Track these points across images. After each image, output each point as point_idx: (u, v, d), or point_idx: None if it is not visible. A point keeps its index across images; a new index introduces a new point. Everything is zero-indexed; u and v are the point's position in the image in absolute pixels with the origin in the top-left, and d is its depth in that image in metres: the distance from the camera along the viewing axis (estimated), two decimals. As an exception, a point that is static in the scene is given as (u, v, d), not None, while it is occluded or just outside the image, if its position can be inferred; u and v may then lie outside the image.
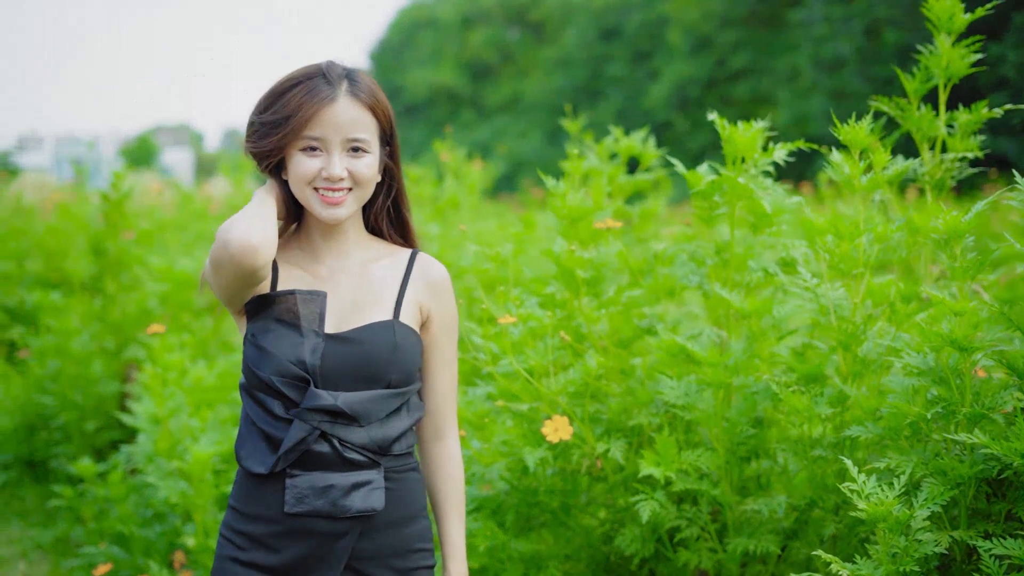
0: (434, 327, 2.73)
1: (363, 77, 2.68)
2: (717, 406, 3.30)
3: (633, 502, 3.40)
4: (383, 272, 2.71)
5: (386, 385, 2.59)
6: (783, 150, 3.48)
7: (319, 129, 2.60)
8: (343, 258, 2.71)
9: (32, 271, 9.44)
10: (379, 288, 2.69)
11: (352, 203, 2.64)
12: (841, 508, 3.26)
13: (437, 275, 2.75)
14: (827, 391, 3.15)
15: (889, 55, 19.80)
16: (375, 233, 2.82)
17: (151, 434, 5.05)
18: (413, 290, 2.70)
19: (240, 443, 2.64)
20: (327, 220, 2.62)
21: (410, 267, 2.74)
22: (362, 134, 2.62)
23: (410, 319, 2.67)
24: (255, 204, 2.58)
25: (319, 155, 2.61)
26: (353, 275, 2.70)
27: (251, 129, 2.66)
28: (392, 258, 2.75)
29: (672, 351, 3.43)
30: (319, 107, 2.59)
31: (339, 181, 2.61)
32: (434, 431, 2.79)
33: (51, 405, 7.02)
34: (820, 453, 3.15)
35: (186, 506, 4.56)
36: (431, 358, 2.75)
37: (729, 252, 3.52)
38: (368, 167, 2.63)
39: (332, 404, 2.53)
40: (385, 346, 2.59)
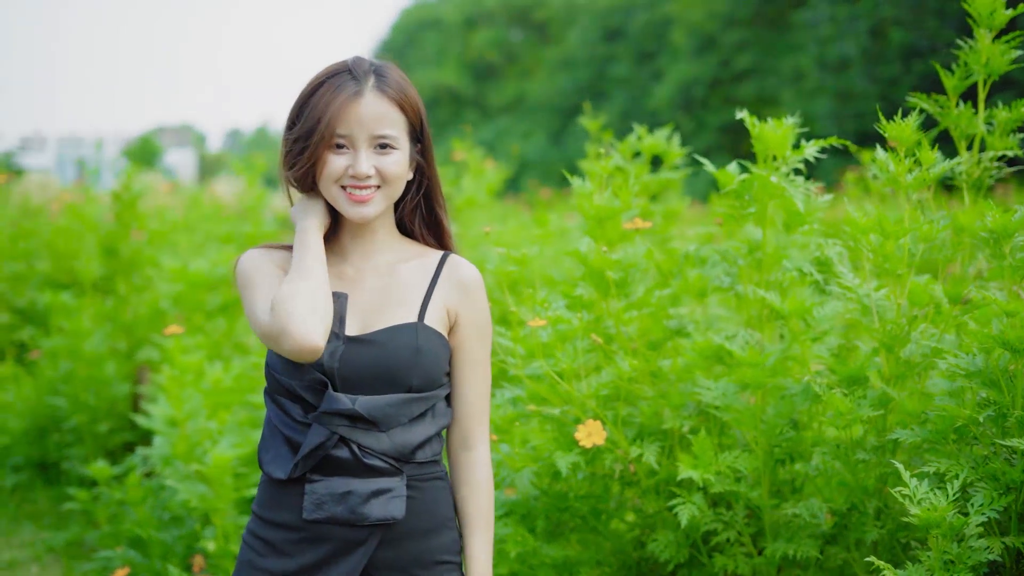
0: (463, 331, 2.62)
1: (391, 71, 2.61)
2: (755, 407, 3.23)
3: (670, 506, 3.34)
4: (411, 273, 2.63)
5: (407, 389, 2.51)
6: (814, 147, 3.42)
7: (345, 126, 2.53)
8: (371, 258, 2.63)
9: (41, 272, 9.37)
10: (405, 289, 2.60)
11: (380, 201, 2.56)
12: (882, 513, 3.20)
13: (467, 276, 2.64)
14: (870, 393, 3.09)
15: (895, 55, 19.77)
16: (408, 234, 2.73)
17: (168, 436, 4.98)
18: (441, 292, 2.60)
19: (263, 448, 2.60)
20: (354, 219, 2.55)
21: (439, 269, 2.64)
22: (389, 130, 2.55)
23: (436, 322, 2.57)
24: (309, 263, 2.49)
25: (346, 153, 2.54)
26: (380, 276, 2.62)
27: (285, 150, 2.62)
28: (422, 260, 2.65)
29: (707, 352, 3.37)
30: (345, 104, 2.52)
31: (366, 179, 2.54)
32: (462, 439, 2.67)
33: (63, 407, 6.96)
34: (863, 457, 3.09)
35: (205, 509, 4.50)
36: (460, 363, 2.64)
37: (762, 252, 3.46)
38: (396, 164, 2.55)
39: (350, 408, 2.45)
40: (407, 349, 2.50)
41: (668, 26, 29.10)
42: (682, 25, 28.21)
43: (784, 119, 3.39)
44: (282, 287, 2.45)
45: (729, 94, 26.93)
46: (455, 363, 2.64)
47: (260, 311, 2.49)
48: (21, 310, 9.05)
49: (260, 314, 2.48)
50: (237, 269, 2.61)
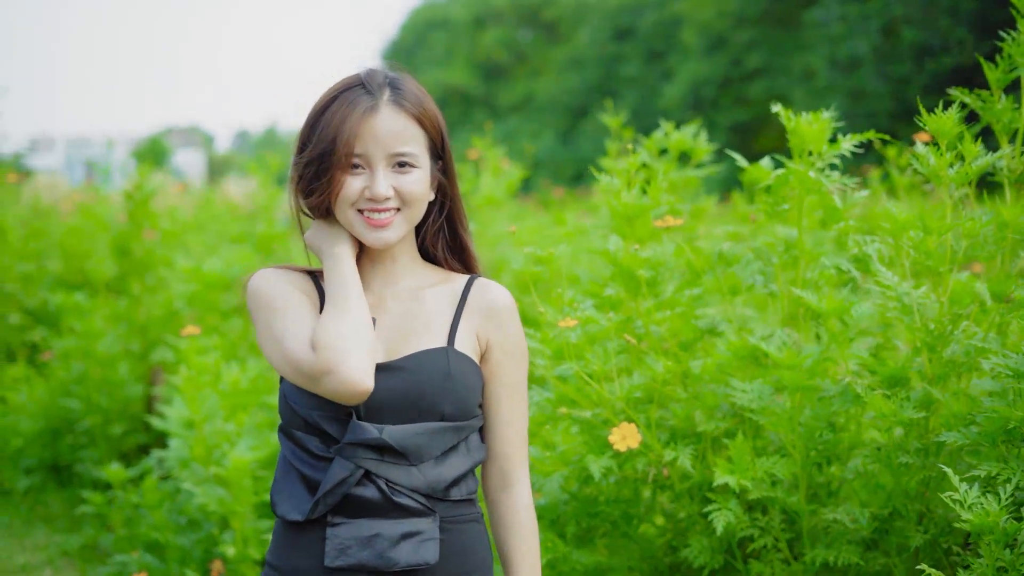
0: (495, 358, 2.41)
1: (408, 83, 2.42)
2: (793, 410, 3.15)
3: (705, 512, 3.26)
4: (436, 299, 2.43)
5: (440, 417, 2.30)
6: (851, 142, 3.33)
7: (360, 144, 2.33)
8: (393, 285, 2.44)
9: (52, 272, 9.31)
10: (431, 316, 2.40)
11: (401, 225, 2.36)
12: (924, 517, 3.11)
13: (497, 300, 2.44)
14: (913, 394, 3.00)
15: (906, 54, 19.67)
16: (430, 259, 2.54)
17: (184, 439, 4.91)
18: (469, 318, 2.41)
19: (276, 489, 2.37)
20: (374, 245, 2.35)
21: (466, 293, 2.44)
22: (408, 147, 2.35)
23: (467, 348, 2.38)
24: (353, 296, 2.28)
25: (362, 173, 2.34)
26: (403, 301, 2.42)
27: (297, 175, 2.39)
28: (448, 285, 2.46)
29: (741, 353, 3.29)
30: (359, 121, 2.33)
31: (384, 200, 2.33)
32: (500, 477, 2.45)
33: (76, 409, 6.88)
34: (905, 460, 3.00)
35: (224, 513, 4.43)
36: (494, 393, 2.43)
37: (798, 249, 3.37)
38: (417, 183, 2.36)
39: (377, 438, 2.24)
40: (437, 374, 2.30)
41: (678, 25, 29.02)
42: (692, 24, 28.11)
43: (820, 113, 3.30)
44: (327, 322, 2.23)
45: (739, 93, 26.83)
46: (489, 394, 2.44)
47: (293, 342, 2.24)
48: (32, 311, 8.99)
49: (294, 346, 2.24)
50: (251, 288, 2.38)
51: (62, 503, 6.78)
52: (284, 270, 2.42)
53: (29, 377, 7.67)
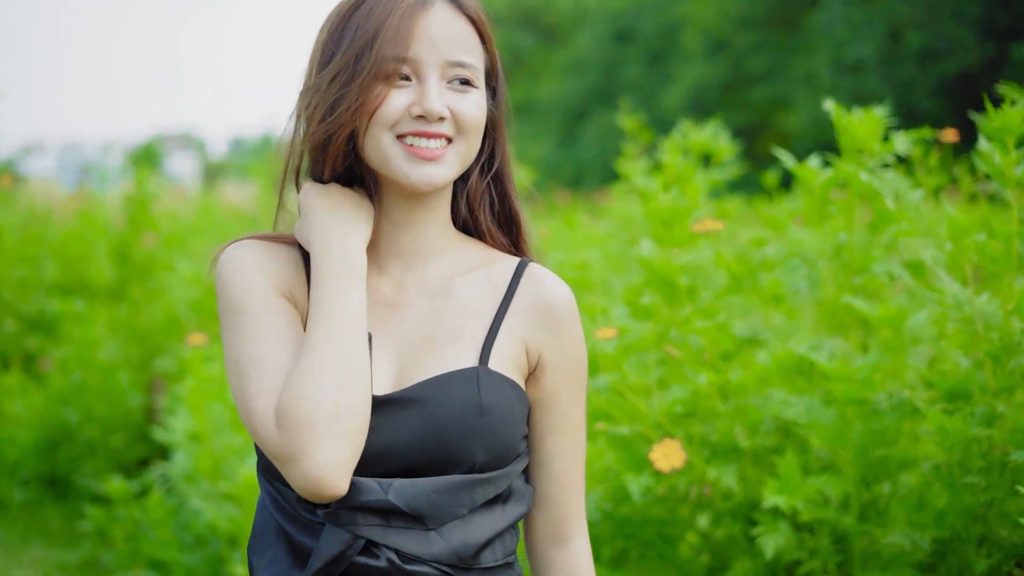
0: (550, 377, 1.85)
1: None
2: (846, 425, 2.95)
3: (752, 536, 3.06)
4: (473, 291, 1.86)
5: (469, 467, 1.75)
6: (905, 140, 3.16)
7: (408, 46, 1.77)
8: (419, 266, 1.87)
9: (49, 278, 9.13)
10: (464, 316, 1.84)
11: (454, 162, 1.80)
12: (986, 539, 2.92)
13: (555, 297, 1.86)
14: (978, 409, 2.80)
15: (911, 57, 19.57)
16: (465, 229, 1.97)
17: (189, 452, 4.72)
18: (516, 320, 1.84)
19: (254, 547, 1.83)
20: (417, 186, 1.78)
21: (514, 285, 1.87)
22: (468, 57, 1.81)
23: (508, 364, 1.82)
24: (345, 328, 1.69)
25: (407, 86, 1.78)
26: (430, 296, 1.85)
27: (307, 104, 1.81)
28: (489, 270, 1.89)
29: (787, 364, 3.10)
30: (409, 15, 1.78)
31: (438, 122, 1.77)
32: (552, 529, 1.92)
33: (74, 420, 6.69)
34: (970, 479, 2.80)
35: (233, 531, 4.24)
36: (545, 422, 1.88)
37: (848, 255, 3.19)
38: (478, 107, 1.81)
39: (381, 499, 1.70)
40: (465, 408, 1.74)
41: (679, 28, 28.90)
42: (694, 27, 28.01)
43: (872, 109, 3.12)
44: (299, 380, 1.66)
45: (741, 97, 26.71)
46: (538, 423, 1.88)
47: (256, 402, 1.69)
48: (28, 317, 8.79)
49: (256, 407, 1.69)
50: (219, 277, 1.82)
51: (60, 517, 6.59)
52: (267, 244, 1.85)
53: (25, 386, 7.48)
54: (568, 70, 33.69)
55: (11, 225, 9.70)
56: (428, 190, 1.80)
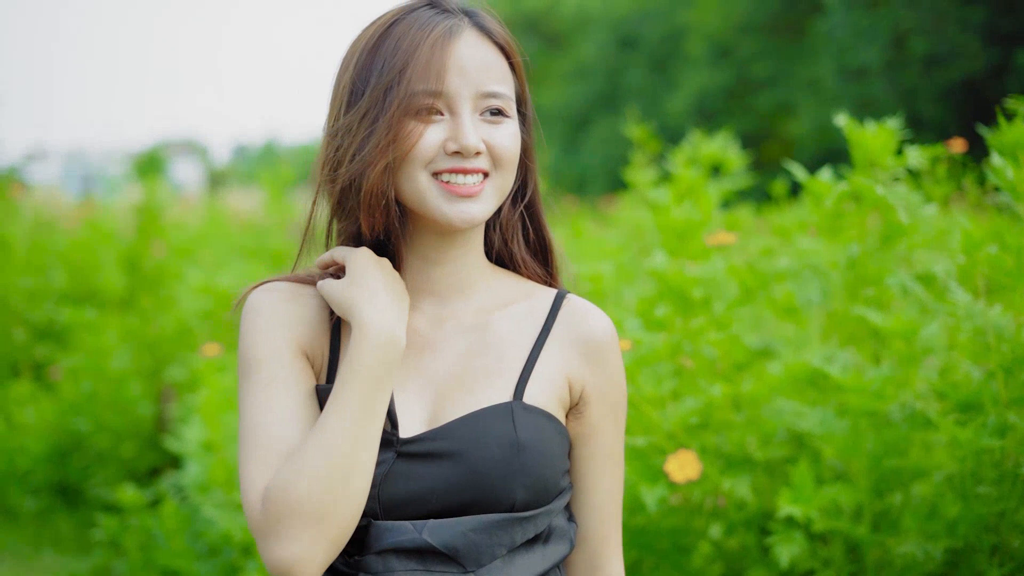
0: (593, 411, 1.81)
1: (487, 9, 1.84)
2: (859, 435, 2.98)
3: (765, 545, 3.09)
4: (511, 325, 1.81)
5: (508, 507, 1.70)
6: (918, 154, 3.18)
7: (441, 79, 1.70)
8: (454, 302, 1.82)
9: (57, 286, 9.14)
10: (501, 350, 1.78)
11: (491, 196, 1.75)
12: (998, 550, 2.94)
13: (596, 331, 1.82)
14: (989, 420, 2.83)
15: (915, 64, 19.57)
16: (501, 262, 1.92)
17: (203, 461, 4.74)
18: (556, 353, 1.79)
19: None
20: (456, 224, 1.72)
21: (552, 317, 1.82)
22: (500, 86, 1.74)
23: (547, 398, 1.76)
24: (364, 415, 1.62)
25: (439, 121, 1.71)
26: (465, 331, 1.80)
27: (333, 152, 1.73)
28: (527, 303, 1.84)
29: (800, 376, 3.12)
30: (438, 45, 1.70)
31: (475, 157, 1.71)
32: (589, 561, 1.89)
33: (85, 429, 6.71)
34: (983, 490, 2.83)
35: (247, 541, 4.26)
36: (587, 458, 1.84)
37: (861, 267, 3.21)
38: (513, 138, 1.75)
39: (416, 539, 1.66)
40: (500, 446, 1.68)
41: (683, 35, 28.91)
42: (697, 34, 28.01)
43: (885, 122, 3.15)
44: (300, 458, 1.60)
45: (745, 103, 26.71)
46: (580, 457, 1.84)
47: (249, 470, 1.64)
48: (37, 326, 8.81)
49: (247, 477, 1.64)
50: (242, 320, 1.77)
51: (71, 526, 6.61)
52: (291, 289, 1.80)
53: (35, 395, 7.50)
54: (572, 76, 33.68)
55: (19, 234, 9.73)
56: (466, 227, 1.74)
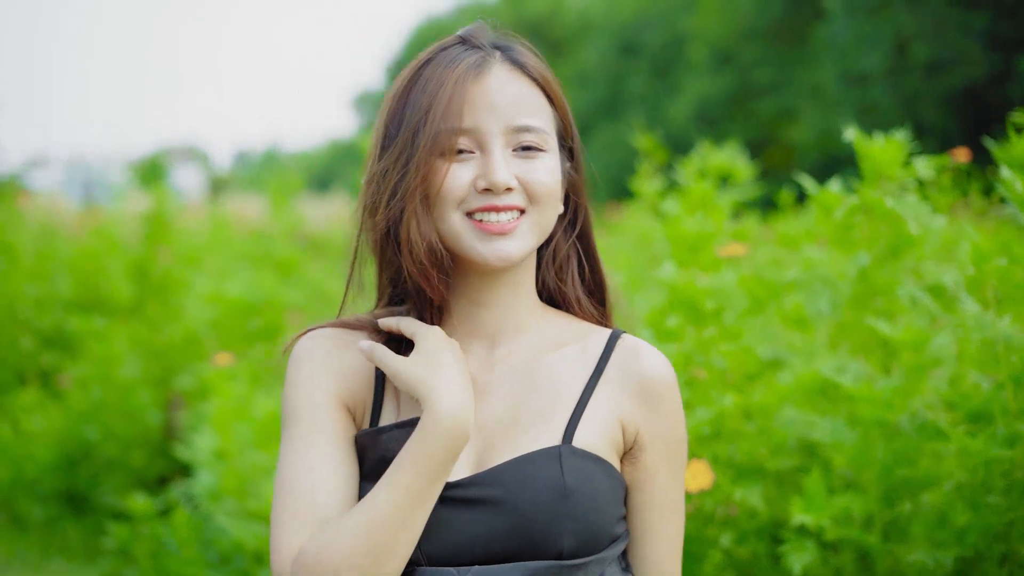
0: (648, 456, 1.73)
1: (522, 43, 1.79)
2: (869, 445, 3.01)
3: (777, 554, 3.12)
4: (563, 367, 1.74)
5: (557, 555, 1.64)
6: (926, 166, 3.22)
7: (468, 114, 1.67)
8: (504, 345, 1.77)
9: (64, 294, 9.16)
10: (553, 394, 1.72)
11: (528, 234, 1.69)
12: (1007, 559, 2.98)
13: (650, 371, 1.74)
14: (999, 430, 2.86)
15: (918, 70, 19.61)
16: (554, 302, 1.86)
17: (213, 470, 4.77)
18: (609, 395, 1.73)
19: None
20: (491, 263, 1.68)
21: (605, 358, 1.75)
22: (534, 120, 1.70)
23: (599, 442, 1.70)
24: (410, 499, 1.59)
25: (470, 159, 1.68)
26: (517, 373, 1.74)
27: (375, 189, 1.71)
28: (581, 344, 1.77)
29: (812, 386, 3.16)
30: (464, 81, 1.68)
31: (506, 193, 1.66)
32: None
33: (94, 437, 6.73)
34: (993, 499, 2.86)
35: (259, 549, 4.29)
36: (643, 503, 1.75)
37: (870, 278, 3.24)
38: (549, 173, 1.70)
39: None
40: (547, 492, 1.62)
41: (685, 41, 28.95)
42: (699, 40, 28.04)
43: (893, 134, 3.18)
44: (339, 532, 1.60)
45: (747, 110, 26.75)
46: (636, 503, 1.76)
47: (281, 533, 1.63)
48: (44, 334, 8.83)
49: (278, 538, 1.64)
50: (288, 368, 1.78)
51: (79, 534, 6.63)
52: (339, 337, 1.79)
53: (43, 403, 7.53)
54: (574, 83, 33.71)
55: (24, 241, 9.76)
56: (503, 266, 1.70)
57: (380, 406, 1.76)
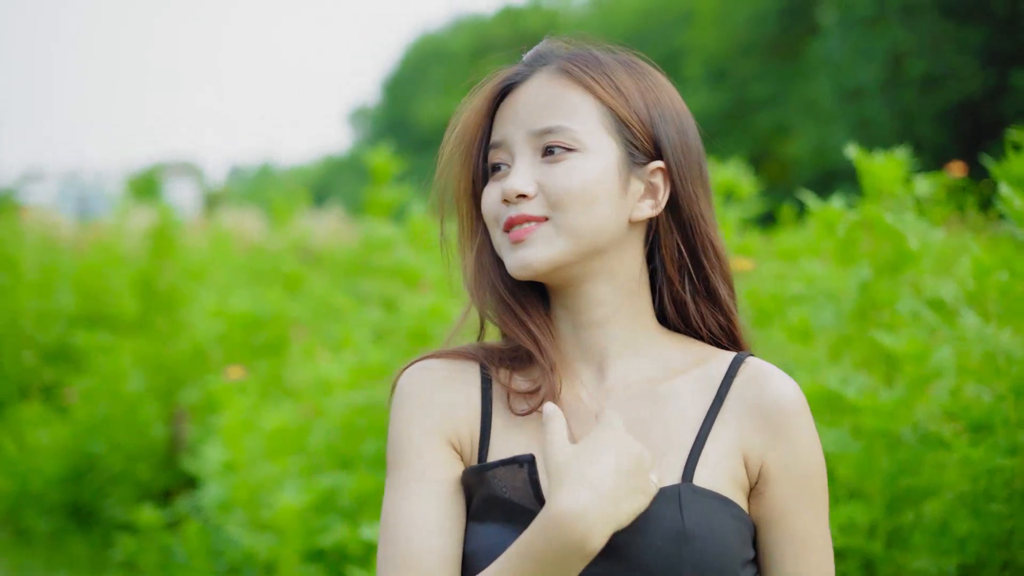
0: (777, 491, 1.58)
1: (593, 49, 1.69)
2: (873, 456, 3.08)
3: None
4: (683, 395, 1.62)
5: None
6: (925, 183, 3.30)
7: (498, 127, 1.64)
8: (614, 369, 1.64)
9: (66, 309, 9.21)
10: (671, 425, 1.60)
11: (552, 241, 1.58)
12: (1008, 566, 3.04)
13: (776, 397, 1.60)
14: (1001, 440, 2.93)
15: (913, 85, 19.72)
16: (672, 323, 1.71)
17: (223, 481, 4.83)
18: (729, 425, 1.60)
19: None
20: (515, 273, 1.59)
21: (727, 384, 1.62)
22: (558, 120, 1.59)
23: (721, 479, 1.57)
24: None
25: (506, 174, 1.63)
26: (633, 401, 1.62)
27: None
28: (702, 369, 1.64)
29: (817, 397, 3.22)
30: (494, 96, 1.67)
31: (521, 201, 1.58)
32: None
33: (100, 450, 6.78)
34: (996, 508, 2.93)
35: (270, 559, 4.34)
36: (776, 544, 1.60)
37: (872, 292, 3.32)
38: (571, 174, 1.57)
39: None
40: (663, 537, 1.51)
41: (680, 56, 29.07)
42: (695, 55, 28.17)
43: (894, 152, 3.26)
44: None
45: (744, 124, 26.86)
46: (767, 545, 1.60)
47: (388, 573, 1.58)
48: (47, 349, 8.88)
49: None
50: (392, 404, 1.69)
51: (85, 547, 6.68)
52: (445, 369, 1.69)
53: (47, 417, 7.57)
54: (570, 98, 33.83)
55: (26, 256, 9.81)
56: (526, 275, 1.60)
57: (488, 438, 1.65)
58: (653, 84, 1.68)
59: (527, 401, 1.62)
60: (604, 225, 1.60)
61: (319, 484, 4.46)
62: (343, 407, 4.57)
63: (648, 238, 1.67)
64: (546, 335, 1.65)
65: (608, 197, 1.60)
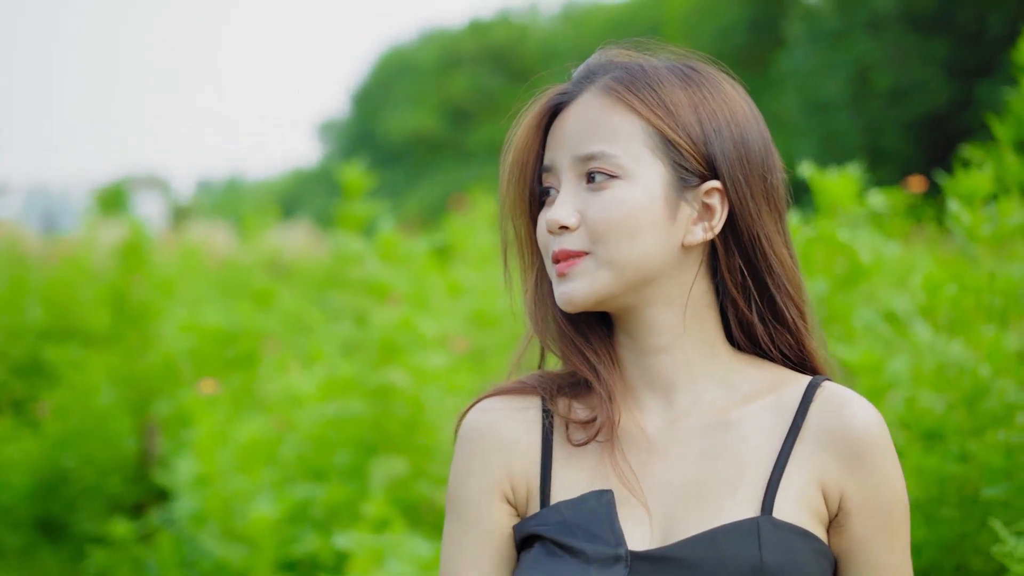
0: (857, 523, 1.52)
1: (640, 63, 1.59)
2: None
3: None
4: (757, 423, 1.55)
5: None
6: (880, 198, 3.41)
7: (548, 150, 1.57)
8: (681, 397, 1.57)
9: (36, 323, 9.21)
10: (745, 454, 1.53)
11: (596, 275, 1.51)
12: (960, 569, 3.14)
13: (854, 426, 1.52)
14: (953, 448, 3.04)
15: (880, 98, 19.92)
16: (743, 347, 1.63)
17: (195, 494, 4.88)
18: (807, 455, 1.52)
19: None
20: (561, 307, 1.54)
21: (803, 411, 1.54)
22: (600, 144, 1.51)
23: (800, 511, 1.50)
24: None
25: (555, 198, 1.56)
26: (702, 430, 1.56)
27: None
28: (776, 395, 1.56)
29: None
30: (543, 120, 1.59)
31: (563, 233, 1.52)
32: None
33: (70, 464, 6.79)
34: (949, 513, 3.03)
35: (243, 569, 4.40)
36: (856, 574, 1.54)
37: (828, 305, 3.42)
38: (611, 205, 1.49)
39: None
40: (742, 571, 1.44)
41: (647, 69, 29.22)
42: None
43: (848, 168, 3.37)
44: None
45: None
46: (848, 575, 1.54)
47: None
48: (17, 363, 8.87)
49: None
50: (455, 447, 1.65)
51: (56, 561, 6.68)
52: (506, 407, 1.63)
53: (17, 431, 7.57)
54: (538, 110, 33.90)
55: (-2, 271, 9.81)
56: (571, 309, 1.54)
57: (549, 472, 1.58)
58: (710, 94, 1.58)
59: (584, 431, 1.56)
60: (650, 255, 1.52)
61: (291, 495, 4.52)
62: (314, 419, 4.63)
63: (709, 258, 1.58)
64: (605, 363, 1.58)
65: (652, 226, 1.51)
